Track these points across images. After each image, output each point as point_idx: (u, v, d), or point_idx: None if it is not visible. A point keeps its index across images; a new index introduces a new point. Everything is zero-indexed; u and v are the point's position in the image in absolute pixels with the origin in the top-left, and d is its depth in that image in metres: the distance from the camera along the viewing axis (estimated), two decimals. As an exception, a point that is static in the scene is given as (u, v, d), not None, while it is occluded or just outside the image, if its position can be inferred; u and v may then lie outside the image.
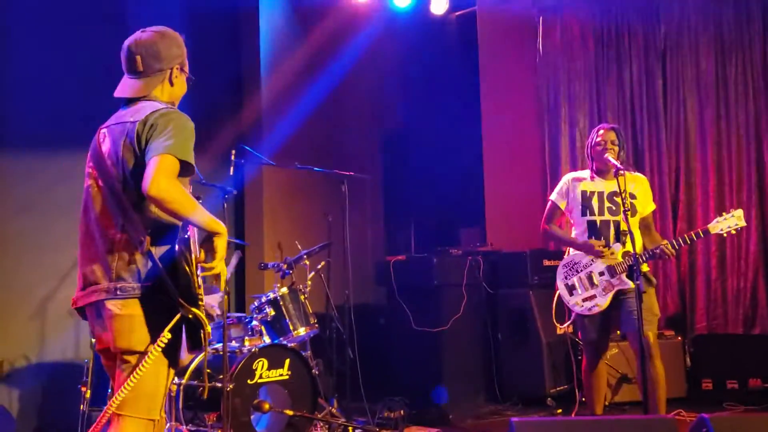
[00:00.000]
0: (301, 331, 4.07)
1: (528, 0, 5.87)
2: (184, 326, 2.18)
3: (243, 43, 5.64)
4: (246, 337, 3.96)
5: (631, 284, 3.55)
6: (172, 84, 2.37)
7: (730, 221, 3.50)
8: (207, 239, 2.23)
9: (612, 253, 3.63)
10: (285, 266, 4.29)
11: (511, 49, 6.06)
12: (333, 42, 5.78)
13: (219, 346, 3.82)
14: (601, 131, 3.78)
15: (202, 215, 2.17)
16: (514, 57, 6.04)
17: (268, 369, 3.76)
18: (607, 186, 3.73)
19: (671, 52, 5.43)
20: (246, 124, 5.50)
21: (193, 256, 2.18)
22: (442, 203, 6.18)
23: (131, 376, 2.12)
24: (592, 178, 3.80)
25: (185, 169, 2.16)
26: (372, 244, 5.85)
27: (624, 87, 5.57)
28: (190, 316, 2.14)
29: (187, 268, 2.15)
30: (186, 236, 2.20)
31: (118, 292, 2.15)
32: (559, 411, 4.67)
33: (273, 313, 4.05)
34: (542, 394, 4.83)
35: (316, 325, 4.20)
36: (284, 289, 4.12)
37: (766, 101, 5.11)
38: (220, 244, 2.21)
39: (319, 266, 4.49)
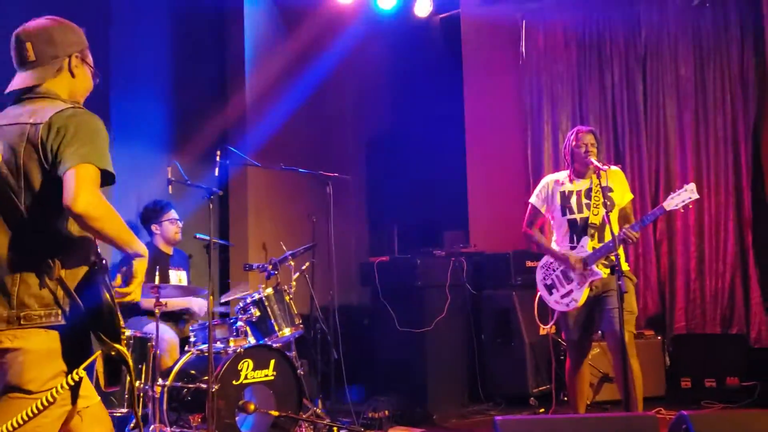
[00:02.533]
0: (286, 331, 4.07)
1: (511, 4, 5.93)
2: (103, 363, 1.95)
3: (228, 42, 5.64)
4: (231, 338, 3.94)
5: (602, 273, 3.63)
6: (73, 75, 2.06)
7: (683, 195, 3.57)
8: (125, 261, 1.99)
9: (586, 266, 3.68)
10: (270, 267, 4.29)
11: (495, 51, 6.11)
12: (317, 43, 5.79)
13: (204, 347, 3.82)
14: (581, 134, 3.83)
15: (127, 234, 1.93)
16: (497, 59, 6.10)
17: (254, 370, 3.76)
18: (584, 184, 3.81)
19: (651, 58, 5.52)
20: (230, 124, 5.49)
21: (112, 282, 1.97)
22: (426, 204, 6.22)
23: (19, 416, 1.82)
24: (570, 180, 3.86)
25: (104, 178, 1.90)
26: (356, 245, 5.87)
27: (605, 91, 5.65)
28: (113, 353, 1.90)
29: (109, 297, 1.90)
30: (103, 260, 1.98)
31: (22, 321, 1.87)
32: (542, 410, 4.72)
33: (258, 313, 4.05)
34: (525, 393, 4.88)
35: (301, 326, 4.20)
36: (269, 290, 4.12)
37: (743, 106, 5.21)
38: (141, 268, 1.98)
39: (304, 267, 4.50)
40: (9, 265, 1.89)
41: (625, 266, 3.71)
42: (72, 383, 1.88)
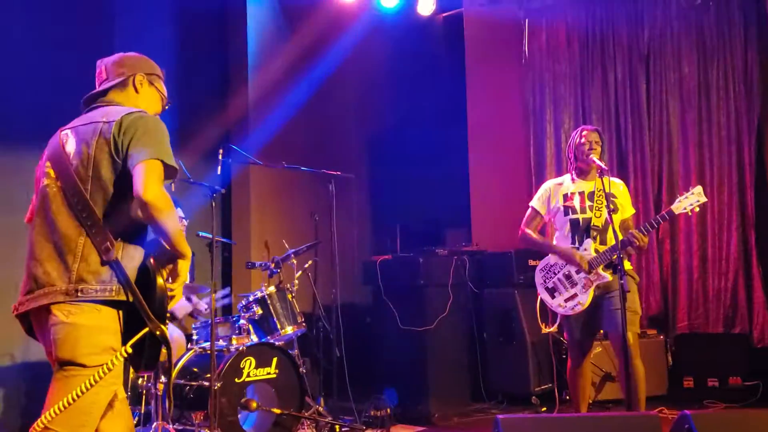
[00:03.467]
0: (289, 329, 4.08)
1: (514, 3, 5.93)
2: (145, 344, 2.06)
3: (230, 41, 5.64)
4: (233, 336, 3.96)
5: (608, 276, 3.61)
6: (137, 91, 2.36)
7: (691, 199, 3.58)
8: (171, 260, 2.14)
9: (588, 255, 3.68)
10: (273, 265, 4.30)
11: (497, 50, 6.11)
12: (320, 41, 5.79)
13: (206, 344, 3.83)
14: (585, 132, 3.84)
15: (179, 233, 2.11)
16: (500, 59, 6.09)
17: (256, 368, 3.77)
18: (588, 186, 3.80)
19: (654, 57, 5.51)
20: (232, 122, 5.50)
21: (164, 271, 2.12)
22: (428, 203, 6.22)
23: (76, 390, 1.97)
24: (573, 180, 3.86)
25: (168, 172, 2.13)
26: (358, 243, 5.86)
27: (608, 90, 5.64)
28: (158, 332, 2.04)
29: (161, 281, 2.07)
30: (156, 250, 2.12)
31: (79, 294, 2.02)
32: (544, 409, 4.73)
33: (260, 311, 4.06)
34: (527, 392, 4.88)
35: (304, 324, 4.21)
36: (272, 288, 4.13)
37: (746, 105, 5.20)
38: (184, 268, 2.15)
39: (306, 265, 4.50)
40: (72, 245, 2.08)
41: (627, 265, 3.70)
42: (122, 359, 2.03)
